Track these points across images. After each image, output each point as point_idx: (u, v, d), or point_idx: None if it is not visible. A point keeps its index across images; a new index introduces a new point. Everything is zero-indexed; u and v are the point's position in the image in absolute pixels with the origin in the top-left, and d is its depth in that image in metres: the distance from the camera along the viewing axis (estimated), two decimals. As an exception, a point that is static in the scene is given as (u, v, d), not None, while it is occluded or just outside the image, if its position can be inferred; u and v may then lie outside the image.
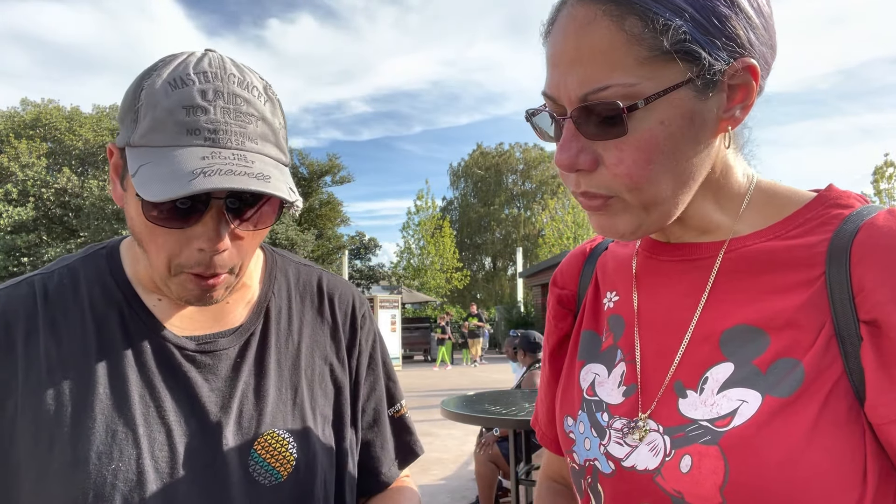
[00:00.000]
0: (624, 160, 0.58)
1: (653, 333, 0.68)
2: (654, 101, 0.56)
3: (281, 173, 0.71)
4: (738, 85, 0.59)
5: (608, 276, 0.79)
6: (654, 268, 0.72)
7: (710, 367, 0.61)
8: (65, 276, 0.80)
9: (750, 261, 0.63)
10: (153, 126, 0.67)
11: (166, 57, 0.73)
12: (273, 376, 0.82)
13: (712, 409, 0.58)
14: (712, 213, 0.66)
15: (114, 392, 0.73)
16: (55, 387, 0.72)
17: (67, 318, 0.76)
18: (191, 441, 0.74)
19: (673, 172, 0.59)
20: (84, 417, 0.71)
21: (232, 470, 0.75)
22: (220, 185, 0.63)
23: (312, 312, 0.92)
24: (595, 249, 0.86)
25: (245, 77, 0.72)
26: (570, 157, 0.60)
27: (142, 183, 0.65)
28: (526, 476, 3.53)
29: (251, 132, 0.70)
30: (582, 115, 0.58)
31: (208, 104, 0.68)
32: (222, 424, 0.76)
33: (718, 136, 0.61)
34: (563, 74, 0.59)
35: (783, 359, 0.57)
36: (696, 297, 0.65)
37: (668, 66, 0.56)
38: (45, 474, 0.69)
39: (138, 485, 0.70)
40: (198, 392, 0.76)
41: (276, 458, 0.78)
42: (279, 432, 0.79)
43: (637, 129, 0.57)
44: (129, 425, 0.72)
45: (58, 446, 0.69)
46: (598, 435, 0.68)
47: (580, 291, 0.84)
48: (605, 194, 0.61)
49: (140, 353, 0.76)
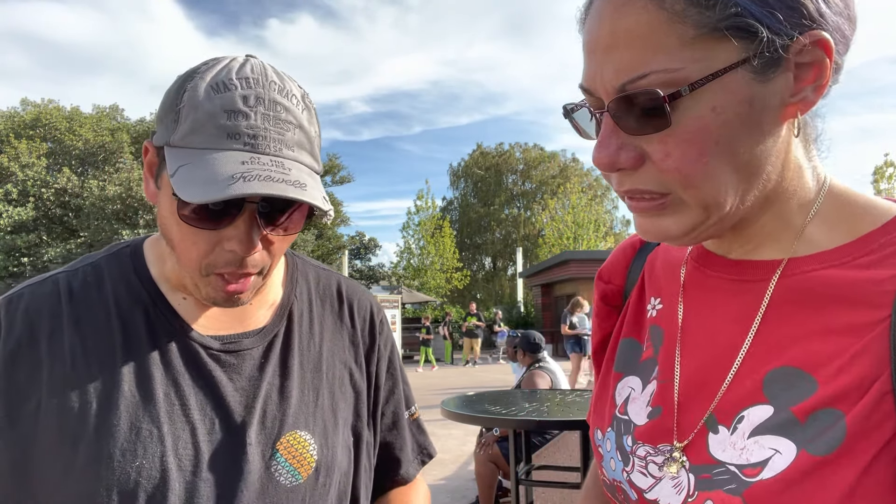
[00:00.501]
0: (671, 154, 0.51)
1: (696, 357, 0.61)
2: (704, 87, 0.49)
3: (315, 181, 0.72)
4: (807, 63, 0.50)
5: (655, 280, 0.72)
6: (702, 281, 0.65)
7: (748, 406, 0.55)
8: (89, 273, 0.80)
9: (807, 292, 0.55)
10: (194, 128, 0.68)
11: (209, 60, 0.74)
12: (296, 378, 0.83)
13: (742, 453, 0.53)
14: (773, 222, 0.58)
15: (139, 389, 0.73)
16: (80, 384, 0.72)
17: (92, 316, 0.76)
18: (215, 439, 0.75)
19: (733, 166, 0.52)
20: (108, 414, 0.71)
21: (254, 469, 0.75)
22: (258, 190, 0.64)
23: (332, 317, 0.93)
24: (647, 244, 0.78)
25: (285, 85, 0.73)
26: (610, 155, 0.53)
27: (181, 183, 0.65)
28: (526, 476, 3.53)
29: (289, 139, 0.71)
30: (620, 107, 0.52)
31: (249, 109, 0.69)
32: (246, 424, 0.76)
33: (786, 123, 0.53)
34: (599, 64, 0.53)
35: (825, 409, 0.50)
36: (745, 325, 0.58)
37: (719, 46, 0.48)
38: (70, 470, 0.69)
39: (162, 482, 0.70)
40: (222, 391, 0.77)
41: (298, 458, 0.79)
42: (301, 433, 0.80)
43: (684, 119, 0.50)
44: (154, 423, 0.72)
45: (82, 443, 0.70)
46: (622, 459, 0.64)
47: (627, 288, 0.77)
48: (657, 191, 0.54)
49: (165, 352, 0.77)
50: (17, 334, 0.74)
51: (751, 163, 0.52)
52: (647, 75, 0.49)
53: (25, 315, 0.75)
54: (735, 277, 0.61)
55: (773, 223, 0.58)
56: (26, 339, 0.74)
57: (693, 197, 0.53)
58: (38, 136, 25.12)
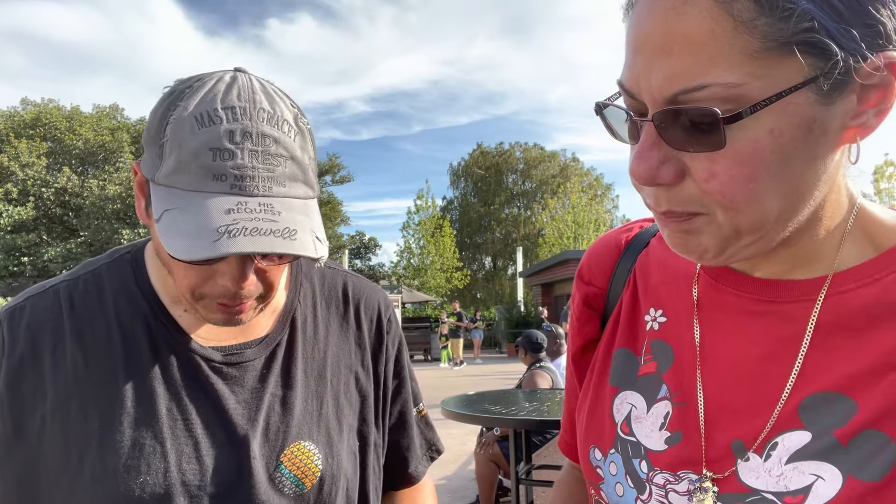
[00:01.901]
0: (718, 175, 0.47)
1: (723, 382, 0.57)
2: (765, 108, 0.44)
3: (308, 218, 0.70)
4: (873, 85, 0.46)
5: (652, 289, 0.68)
6: (722, 300, 0.60)
7: (783, 432, 0.51)
8: (90, 283, 0.80)
9: (846, 313, 0.52)
10: (178, 167, 0.66)
11: (193, 80, 0.70)
12: (300, 387, 0.82)
13: (779, 480, 0.49)
14: (809, 245, 0.54)
15: (141, 405, 0.73)
16: (82, 399, 0.72)
17: (94, 330, 0.76)
18: (218, 454, 0.75)
19: (780, 193, 0.47)
20: (112, 431, 0.71)
21: (258, 482, 0.75)
22: (243, 248, 0.63)
23: (338, 320, 0.91)
24: (633, 243, 0.72)
25: (276, 110, 0.70)
26: (650, 170, 0.48)
27: (166, 234, 0.65)
28: (526, 476, 3.53)
29: (279, 175, 0.68)
30: (668, 118, 0.47)
31: (235, 147, 0.66)
32: (249, 437, 0.76)
33: (841, 147, 0.49)
34: (647, 66, 0.47)
35: (869, 430, 0.47)
36: (785, 351, 0.53)
37: (786, 62, 0.43)
38: (76, 486, 0.70)
39: (166, 497, 0.70)
40: (225, 404, 0.76)
41: (302, 469, 0.78)
42: (305, 444, 0.79)
43: (738, 139, 0.45)
44: (157, 438, 0.72)
45: (87, 460, 0.70)
46: (634, 486, 0.60)
47: (611, 292, 0.72)
48: (694, 211, 0.50)
49: (167, 366, 0.76)
50: (21, 350, 0.74)
51: (798, 188, 0.48)
52: (704, 88, 0.44)
53: (28, 330, 0.75)
54: (766, 298, 0.56)
55: (809, 246, 0.54)
56: (29, 354, 0.74)
57: (730, 220, 0.49)
58: (38, 136, 25.13)
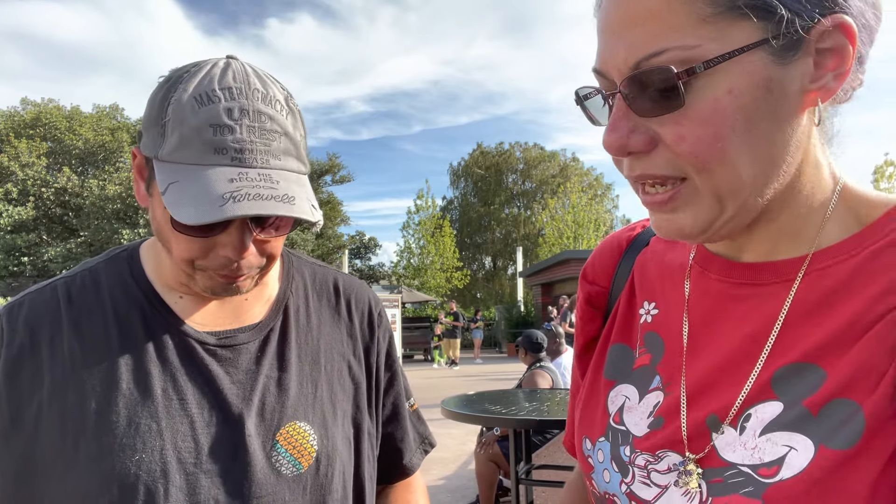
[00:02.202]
0: (686, 137, 0.49)
1: (704, 366, 0.58)
2: (720, 66, 0.47)
3: (303, 189, 0.74)
4: (829, 48, 0.49)
5: (647, 282, 0.69)
6: (709, 287, 0.61)
7: (755, 404, 0.52)
8: (87, 278, 0.83)
9: (823, 289, 0.53)
10: (181, 143, 0.70)
11: (190, 67, 0.75)
12: (294, 370, 0.85)
13: (754, 453, 0.50)
14: (791, 222, 0.56)
15: (137, 386, 0.76)
16: (79, 384, 0.74)
17: (91, 319, 0.79)
18: (214, 432, 0.77)
19: (751, 154, 0.49)
20: (107, 412, 0.73)
21: (255, 459, 0.77)
22: (248, 211, 0.67)
23: (330, 311, 0.95)
24: (634, 243, 0.75)
25: (268, 91, 0.74)
26: (620, 138, 0.51)
27: (173, 203, 0.68)
28: (526, 475, 3.53)
29: (275, 149, 0.73)
30: (633, 87, 0.50)
31: (234, 123, 0.70)
32: (244, 416, 0.78)
33: (806, 112, 0.50)
34: (612, 44, 0.51)
35: (838, 399, 0.48)
36: (763, 331, 0.55)
37: (739, 24, 0.47)
38: (71, 468, 0.71)
39: (162, 475, 0.72)
40: (220, 384, 0.79)
41: (298, 449, 0.80)
42: (301, 425, 0.82)
43: (698, 99, 0.48)
44: (153, 417, 0.74)
45: (82, 441, 0.72)
46: (619, 470, 0.61)
47: (613, 290, 0.74)
48: (671, 175, 0.52)
49: (162, 349, 0.79)
50: (20, 341, 0.76)
51: (769, 151, 0.50)
52: (662, 53, 0.48)
53: (26, 323, 0.77)
54: (749, 281, 0.58)
55: (790, 223, 0.56)
56: (28, 346, 0.76)
57: (707, 183, 0.50)
58: (38, 136, 25.12)
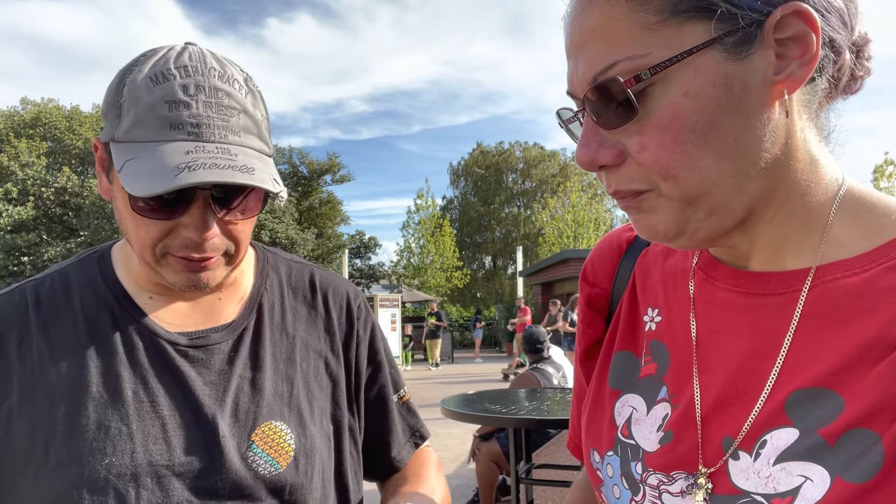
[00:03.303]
0: (648, 145, 0.49)
1: (717, 379, 0.56)
2: (673, 71, 0.47)
3: (264, 164, 0.73)
4: (790, 38, 0.48)
5: (650, 288, 0.68)
6: (714, 295, 0.60)
7: (771, 429, 0.50)
8: (56, 281, 0.81)
9: (833, 303, 0.51)
10: (136, 122, 0.69)
11: (147, 52, 0.74)
12: (269, 369, 0.83)
13: (767, 482, 0.48)
14: (789, 222, 0.54)
15: (107, 389, 0.74)
16: (48, 388, 0.73)
17: (60, 322, 0.77)
18: (186, 434, 0.75)
19: (716, 153, 0.48)
20: (77, 415, 0.72)
21: (231, 461, 0.75)
22: (204, 178, 0.65)
23: (306, 307, 0.93)
24: (635, 243, 0.73)
25: (226, 70, 0.73)
26: (589, 153, 0.52)
27: (128, 178, 0.67)
28: (526, 475, 3.53)
29: (234, 125, 0.72)
30: (594, 102, 0.50)
31: (190, 98, 0.69)
32: (217, 417, 0.76)
33: (776, 103, 0.49)
34: (574, 65, 0.52)
35: (857, 429, 0.45)
36: (772, 344, 0.53)
37: (687, 28, 0.47)
38: (41, 472, 0.70)
39: (133, 478, 0.70)
40: (191, 385, 0.77)
41: (275, 448, 0.79)
42: (276, 424, 0.80)
43: (655, 107, 0.48)
44: (123, 420, 0.73)
45: (53, 445, 0.71)
46: (629, 487, 0.60)
47: (614, 292, 0.73)
48: (641, 188, 0.52)
49: (132, 350, 0.77)
50: None
51: (739, 148, 0.49)
52: (613, 65, 0.49)
53: None
54: (755, 291, 0.56)
55: (789, 223, 0.54)
56: None
57: (673, 189, 0.50)
58: (38, 136, 25.09)
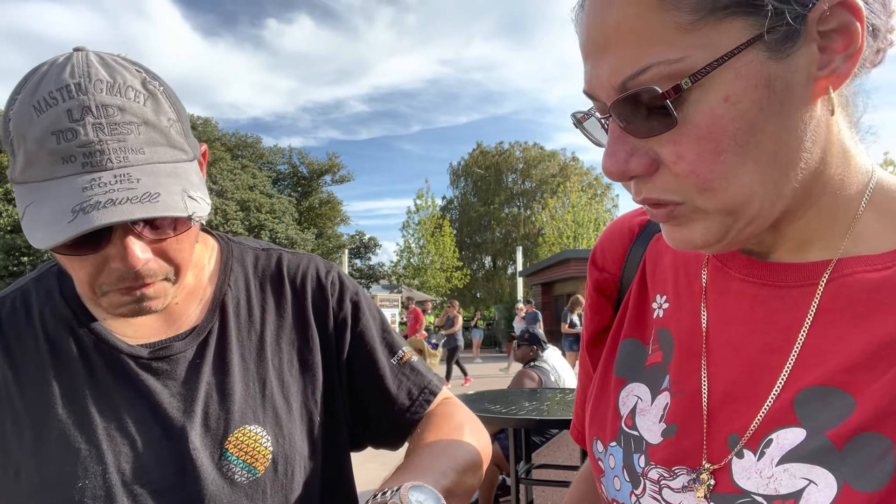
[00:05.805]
0: (685, 155, 0.45)
1: (726, 372, 0.54)
2: (711, 74, 0.42)
3: (176, 179, 0.67)
4: (833, 30, 0.44)
5: (660, 274, 0.65)
6: (728, 285, 0.57)
7: (777, 428, 0.48)
8: (17, 299, 0.79)
9: (855, 297, 0.48)
10: (28, 160, 0.64)
11: (30, 71, 0.68)
12: (237, 372, 0.80)
13: (770, 482, 0.47)
14: (819, 217, 0.51)
15: (72, 411, 0.72)
16: (14, 413, 0.72)
17: (22, 343, 0.75)
18: (157, 449, 0.73)
19: (757, 160, 0.45)
20: (45, 440, 0.70)
21: (205, 472, 0.73)
22: (99, 221, 0.60)
23: (274, 297, 0.88)
24: (647, 228, 0.70)
25: (116, 78, 0.66)
26: (618, 164, 0.48)
27: (28, 228, 0.63)
28: (526, 475, 3.53)
29: (133, 143, 0.65)
30: (623, 109, 0.46)
31: (76, 125, 0.63)
32: (187, 429, 0.74)
33: (819, 100, 0.46)
34: (596, 66, 0.47)
35: (868, 433, 0.43)
36: (787, 338, 0.50)
37: (725, 26, 0.42)
38: (15, 500, 0.69)
39: (108, 499, 0.69)
40: (158, 399, 0.75)
41: (251, 454, 0.77)
42: (251, 428, 0.78)
43: (693, 114, 0.44)
44: (92, 442, 0.71)
45: (24, 472, 0.69)
46: (630, 480, 0.58)
47: (624, 278, 0.70)
48: (674, 200, 0.48)
49: (94, 369, 0.75)
50: None
51: (780, 152, 0.45)
52: (646, 70, 0.44)
53: None
54: (771, 283, 0.53)
55: (819, 218, 0.51)
56: None
57: (711, 202, 0.47)
58: (38, 136, 25.06)
